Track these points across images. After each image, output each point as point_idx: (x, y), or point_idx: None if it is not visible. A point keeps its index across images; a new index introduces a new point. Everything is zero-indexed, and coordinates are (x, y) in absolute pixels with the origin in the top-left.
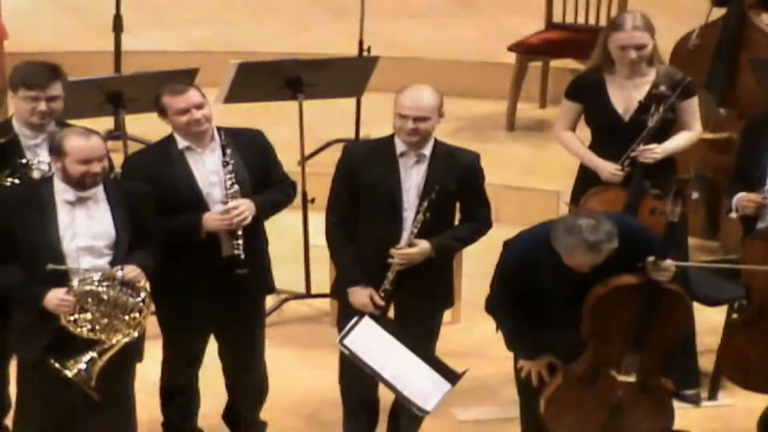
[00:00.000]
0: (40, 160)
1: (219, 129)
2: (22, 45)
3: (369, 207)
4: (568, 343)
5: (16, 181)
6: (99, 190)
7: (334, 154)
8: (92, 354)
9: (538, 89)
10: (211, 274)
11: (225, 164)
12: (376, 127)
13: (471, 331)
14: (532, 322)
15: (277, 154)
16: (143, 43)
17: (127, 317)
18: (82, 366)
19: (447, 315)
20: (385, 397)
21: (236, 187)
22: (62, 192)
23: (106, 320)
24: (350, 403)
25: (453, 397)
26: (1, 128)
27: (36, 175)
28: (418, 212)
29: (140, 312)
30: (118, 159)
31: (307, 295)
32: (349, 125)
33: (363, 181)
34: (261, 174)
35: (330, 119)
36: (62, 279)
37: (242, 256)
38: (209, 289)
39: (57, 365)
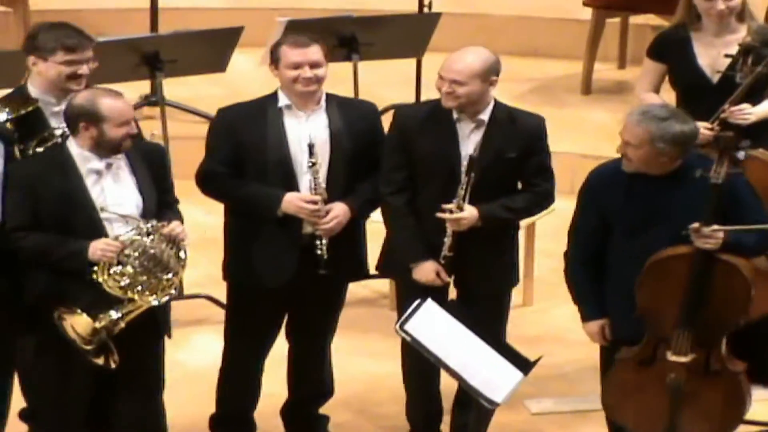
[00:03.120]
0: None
1: (329, 96)
2: (49, 1)
3: (425, 176)
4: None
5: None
6: (121, 155)
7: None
8: (116, 314)
9: (616, 48)
10: (289, 252)
11: (310, 149)
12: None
13: (545, 314)
14: (597, 274)
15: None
16: None
17: (165, 277)
18: (114, 316)
19: (519, 297)
20: (447, 385)
21: (321, 174)
22: (85, 161)
23: (144, 277)
24: (414, 393)
25: (525, 388)
26: (20, 95)
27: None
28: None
29: (176, 273)
30: (155, 126)
31: (365, 275)
32: (409, 89)
33: (418, 148)
34: (365, 150)
35: (388, 82)
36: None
37: (325, 257)
38: (285, 270)
39: (82, 314)
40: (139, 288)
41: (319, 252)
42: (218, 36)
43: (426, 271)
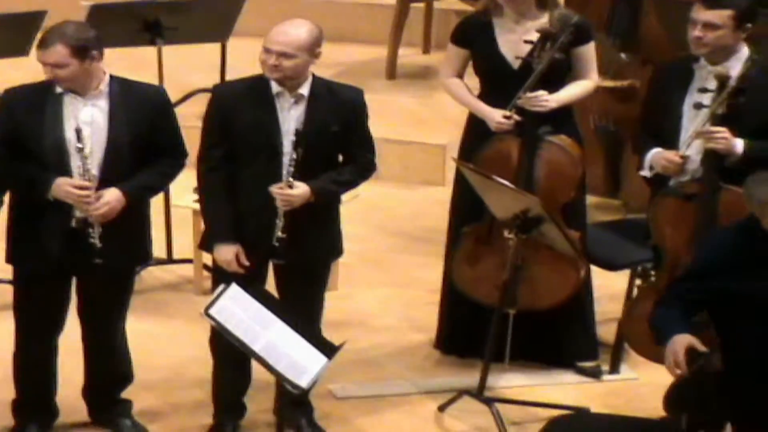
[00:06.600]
0: None
1: (114, 79)
2: None
3: (247, 153)
4: None
5: None
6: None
7: (198, 104)
8: None
9: (421, 33)
10: (58, 237)
11: (78, 133)
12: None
13: (350, 300)
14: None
15: (176, 116)
16: None
17: None
18: None
19: None
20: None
21: (93, 160)
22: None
23: None
24: (221, 359)
25: (330, 373)
26: None
27: None
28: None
29: None
30: None
31: (169, 260)
32: (214, 73)
33: (237, 124)
34: (147, 136)
35: (193, 67)
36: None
37: (98, 245)
38: (53, 254)
39: None
40: None
41: (91, 240)
42: (21, 20)
43: (225, 252)
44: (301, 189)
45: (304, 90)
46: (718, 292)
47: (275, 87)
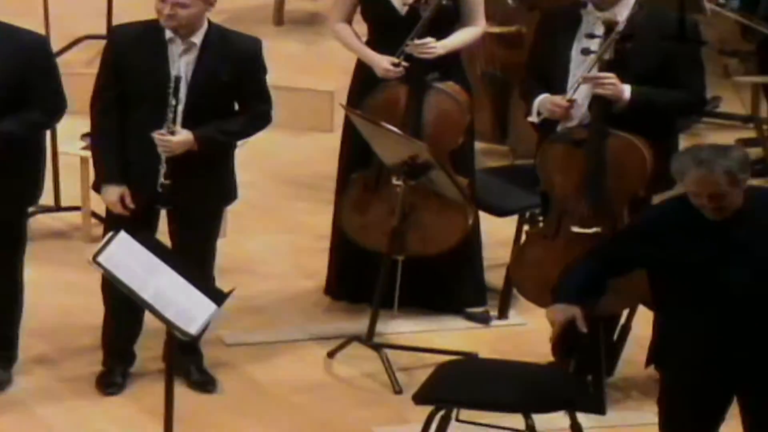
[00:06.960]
0: None
1: None
2: None
3: (136, 96)
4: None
5: None
6: None
7: (85, 52)
8: None
9: None
10: None
11: None
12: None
13: (239, 246)
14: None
15: (56, 67)
16: None
17: None
18: None
19: None
20: None
21: None
22: None
23: None
24: (112, 306)
25: (220, 320)
26: None
27: None
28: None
29: None
30: None
31: (57, 208)
32: (101, 20)
33: (129, 67)
34: (19, 83)
35: (79, 13)
36: None
37: None
38: None
39: None
40: None
41: None
42: None
43: (110, 193)
44: (182, 136)
45: (197, 38)
46: (640, 256)
47: (168, 33)
